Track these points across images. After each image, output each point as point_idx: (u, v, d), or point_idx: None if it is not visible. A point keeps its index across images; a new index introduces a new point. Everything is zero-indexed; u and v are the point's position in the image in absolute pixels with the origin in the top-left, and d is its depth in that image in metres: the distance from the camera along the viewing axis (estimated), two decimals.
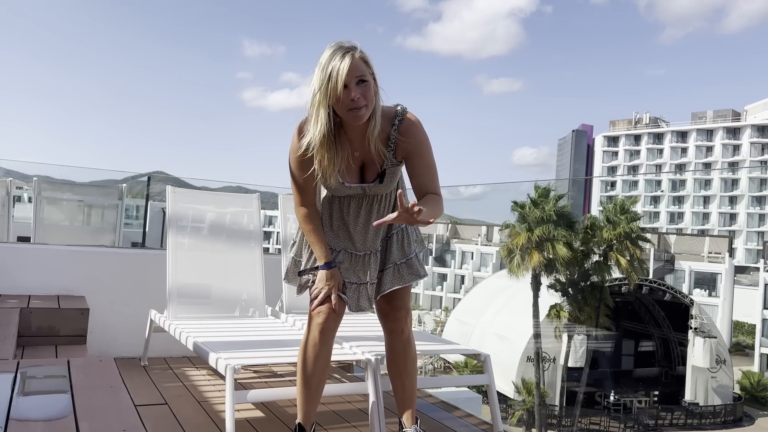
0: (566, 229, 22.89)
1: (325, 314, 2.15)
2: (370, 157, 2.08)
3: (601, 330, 24.15)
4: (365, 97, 1.93)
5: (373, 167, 2.11)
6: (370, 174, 2.13)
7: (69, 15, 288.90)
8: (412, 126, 2.07)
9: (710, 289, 34.75)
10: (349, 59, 1.90)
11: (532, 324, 24.02)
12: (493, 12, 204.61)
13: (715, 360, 26.21)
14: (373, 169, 2.12)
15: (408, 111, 2.10)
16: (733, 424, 26.01)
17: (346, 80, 1.90)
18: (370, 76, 1.95)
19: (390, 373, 2.35)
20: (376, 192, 2.16)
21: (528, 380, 24.54)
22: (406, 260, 2.27)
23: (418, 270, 2.28)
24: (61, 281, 3.80)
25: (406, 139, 2.06)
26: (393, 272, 2.25)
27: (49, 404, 1.72)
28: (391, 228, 2.28)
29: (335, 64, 1.90)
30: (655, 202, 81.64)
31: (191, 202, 3.67)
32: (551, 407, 25.02)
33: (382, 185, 2.13)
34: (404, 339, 2.30)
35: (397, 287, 2.24)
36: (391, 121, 2.07)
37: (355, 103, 1.92)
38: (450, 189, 33.48)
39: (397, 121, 2.07)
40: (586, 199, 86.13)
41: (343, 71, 1.89)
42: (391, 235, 2.28)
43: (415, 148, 2.08)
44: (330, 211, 2.23)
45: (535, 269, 22.98)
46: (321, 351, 2.18)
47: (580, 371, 24.42)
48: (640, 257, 23.97)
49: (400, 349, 2.30)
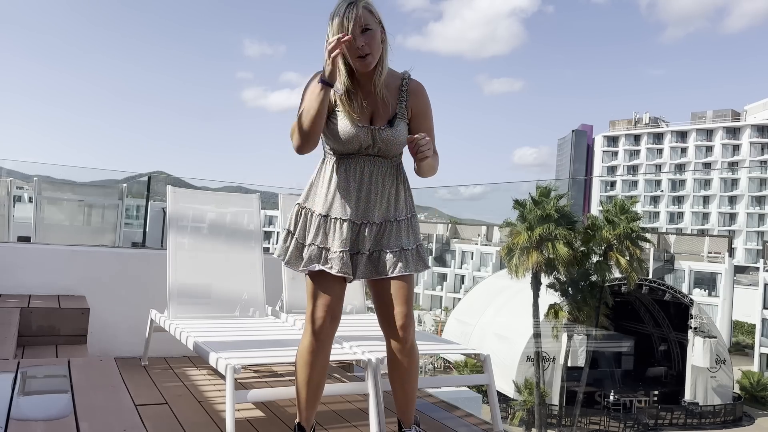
0: (567, 228, 22.90)
1: (322, 320, 2.15)
2: (378, 106, 2.18)
3: (600, 330, 24.15)
4: (370, 45, 2.06)
5: (382, 116, 2.19)
6: (379, 121, 2.19)
7: (69, 15, 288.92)
8: (420, 86, 2.25)
9: (710, 289, 34.74)
10: (354, 10, 2.03)
11: (532, 324, 24.03)
12: (495, 12, 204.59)
13: (715, 360, 26.22)
14: (382, 117, 2.19)
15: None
16: (733, 424, 26.01)
17: (353, 29, 2.02)
18: (376, 24, 2.08)
19: (392, 380, 2.32)
20: (384, 142, 2.17)
21: (528, 380, 24.55)
22: (416, 246, 2.25)
23: (425, 259, 2.26)
24: (61, 281, 3.80)
25: (415, 97, 2.22)
26: (400, 256, 2.19)
27: (49, 404, 1.72)
28: (398, 211, 2.24)
29: (342, 14, 2.03)
30: (654, 202, 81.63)
31: (191, 202, 3.67)
32: (551, 407, 25.03)
33: (392, 131, 2.17)
34: (408, 348, 2.23)
35: (402, 274, 2.17)
36: (400, 77, 2.23)
37: (361, 50, 2.05)
38: (450, 189, 32.79)
39: (406, 80, 2.23)
40: (586, 199, 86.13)
41: (350, 21, 2.02)
42: (400, 220, 2.24)
43: (421, 108, 2.24)
44: (331, 175, 2.20)
45: (535, 269, 22.97)
46: (319, 357, 2.17)
47: (579, 371, 24.43)
48: (639, 257, 23.97)
49: (405, 359, 2.24)
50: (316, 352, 2.16)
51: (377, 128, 2.16)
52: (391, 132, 2.17)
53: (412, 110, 2.22)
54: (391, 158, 2.23)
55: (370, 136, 2.16)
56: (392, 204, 2.23)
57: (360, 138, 2.15)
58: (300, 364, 2.20)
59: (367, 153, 2.19)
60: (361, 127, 2.15)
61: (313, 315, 2.16)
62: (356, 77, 2.16)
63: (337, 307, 2.19)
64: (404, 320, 2.20)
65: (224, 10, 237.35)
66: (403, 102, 2.21)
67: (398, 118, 2.19)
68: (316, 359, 2.17)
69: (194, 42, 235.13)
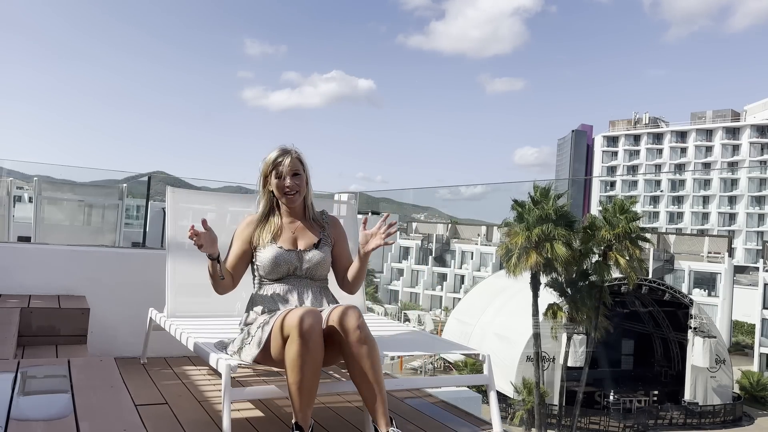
0: (566, 228, 22.87)
1: (299, 316, 2.18)
2: (303, 234, 2.63)
3: (600, 330, 24.13)
4: (298, 186, 2.56)
5: (307, 241, 2.61)
6: (304, 245, 2.60)
7: (69, 15, 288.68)
8: (337, 220, 2.78)
9: (710, 289, 34.76)
10: (288, 157, 2.53)
11: (531, 324, 24.02)
12: (498, 11, 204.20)
13: (715, 360, 26.21)
14: (307, 243, 2.61)
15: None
16: (733, 424, 26.02)
17: (284, 171, 2.52)
18: (303, 171, 2.57)
19: (353, 377, 2.26)
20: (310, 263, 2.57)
21: (528, 380, 24.55)
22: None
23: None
24: (61, 281, 3.80)
25: (334, 227, 2.72)
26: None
27: (49, 404, 1.72)
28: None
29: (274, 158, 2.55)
30: (654, 202, 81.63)
31: (191, 202, 3.68)
32: (551, 407, 25.03)
33: (317, 253, 2.59)
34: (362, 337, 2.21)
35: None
36: (320, 212, 2.73)
37: (289, 189, 2.54)
38: (451, 189, 32.95)
39: (325, 214, 2.74)
40: (586, 199, 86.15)
41: (284, 166, 2.52)
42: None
43: (340, 235, 2.72)
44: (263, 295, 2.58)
45: (534, 269, 22.96)
46: (308, 358, 2.17)
47: (579, 371, 24.40)
48: (639, 257, 23.94)
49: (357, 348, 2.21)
50: (304, 355, 2.16)
51: (302, 251, 2.58)
52: (317, 253, 2.58)
53: (333, 238, 2.68)
54: (318, 281, 2.61)
55: (297, 259, 2.56)
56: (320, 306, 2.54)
57: (287, 260, 2.54)
58: (289, 367, 2.19)
59: (296, 275, 2.57)
60: (287, 251, 2.56)
61: (297, 318, 2.19)
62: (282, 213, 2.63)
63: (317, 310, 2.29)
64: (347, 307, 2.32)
65: (226, 9, 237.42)
66: (326, 231, 2.67)
67: (323, 242, 2.63)
68: (305, 362, 2.17)
69: (195, 42, 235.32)
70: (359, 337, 2.22)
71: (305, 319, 2.17)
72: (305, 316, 2.18)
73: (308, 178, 2.61)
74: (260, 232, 2.60)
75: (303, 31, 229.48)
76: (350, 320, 2.23)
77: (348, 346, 2.23)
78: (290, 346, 2.18)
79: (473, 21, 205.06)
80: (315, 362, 2.19)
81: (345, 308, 2.28)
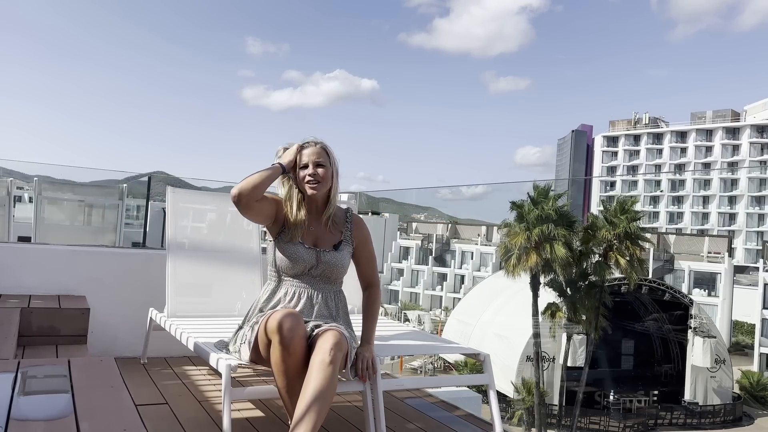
0: (566, 228, 22.85)
1: (278, 321, 2.17)
2: (324, 233, 2.51)
3: (600, 330, 24.11)
4: (321, 176, 2.45)
5: (326, 241, 2.51)
6: (323, 245, 2.50)
7: (70, 14, 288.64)
8: (361, 221, 2.63)
9: (710, 289, 34.75)
10: (314, 146, 2.49)
11: (531, 324, 24.01)
12: (503, 9, 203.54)
13: (715, 360, 26.21)
14: (327, 242, 2.51)
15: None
16: (733, 424, 26.00)
17: (308, 160, 2.46)
18: (329, 164, 2.49)
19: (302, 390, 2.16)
20: (327, 264, 2.46)
21: (528, 380, 24.53)
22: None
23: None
24: (61, 281, 3.80)
25: (358, 229, 2.58)
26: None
27: (49, 404, 1.72)
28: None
29: (302, 145, 2.51)
30: (654, 202, 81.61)
31: (191, 202, 3.68)
32: (551, 407, 25.01)
33: (336, 254, 2.49)
34: (325, 360, 2.13)
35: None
36: (344, 211, 2.60)
37: (312, 178, 2.44)
38: (452, 189, 32.97)
39: (350, 214, 2.61)
40: (586, 199, 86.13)
41: (308, 153, 2.47)
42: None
43: (363, 238, 2.60)
44: (273, 293, 2.50)
45: (533, 270, 22.94)
46: (291, 362, 2.17)
47: (579, 371, 24.39)
48: (639, 257, 23.92)
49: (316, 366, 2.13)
50: (286, 359, 2.17)
51: (321, 250, 2.47)
52: (335, 255, 2.48)
53: (356, 239, 2.57)
54: (333, 283, 2.52)
55: (315, 258, 2.45)
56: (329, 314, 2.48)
57: (305, 258, 2.44)
58: (275, 372, 2.21)
59: (311, 274, 2.46)
60: (307, 248, 2.45)
61: (276, 323, 2.17)
62: (306, 206, 2.50)
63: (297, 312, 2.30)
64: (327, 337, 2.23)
65: (227, 8, 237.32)
66: (348, 231, 2.56)
67: (344, 243, 2.53)
68: (288, 367, 2.18)
69: (196, 41, 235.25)
70: (322, 360, 2.13)
71: (284, 324, 2.16)
72: (284, 320, 2.16)
73: (335, 173, 2.52)
74: (289, 215, 2.47)
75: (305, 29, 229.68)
76: (326, 342, 2.17)
77: (312, 361, 2.17)
78: (273, 351, 2.19)
79: (478, 19, 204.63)
80: (297, 366, 2.18)
81: (335, 332, 2.22)
